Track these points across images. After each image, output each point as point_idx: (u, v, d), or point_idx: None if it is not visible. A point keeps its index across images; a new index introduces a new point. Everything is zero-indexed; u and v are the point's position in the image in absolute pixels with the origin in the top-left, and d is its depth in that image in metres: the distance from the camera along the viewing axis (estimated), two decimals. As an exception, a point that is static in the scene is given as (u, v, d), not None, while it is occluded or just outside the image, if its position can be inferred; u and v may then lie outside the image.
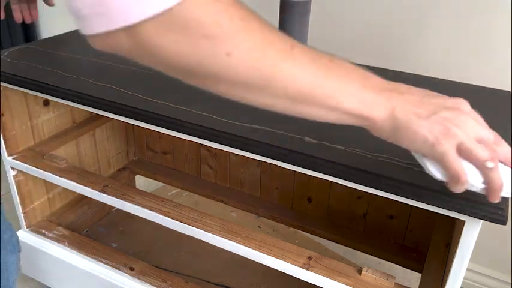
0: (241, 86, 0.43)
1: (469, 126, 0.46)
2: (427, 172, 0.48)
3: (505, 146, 0.47)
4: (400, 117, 0.46)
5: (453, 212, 0.56)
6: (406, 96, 0.47)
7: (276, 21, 0.83)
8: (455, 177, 0.46)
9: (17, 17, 0.97)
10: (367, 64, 0.96)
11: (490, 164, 0.45)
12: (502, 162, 0.47)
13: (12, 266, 0.77)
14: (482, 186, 0.46)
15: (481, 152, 0.45)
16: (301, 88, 0.43)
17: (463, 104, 0.49)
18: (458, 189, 0.47)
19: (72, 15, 0.41)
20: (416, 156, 0.49)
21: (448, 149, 0.45)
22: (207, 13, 0.38)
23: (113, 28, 0.39)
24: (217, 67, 0.41)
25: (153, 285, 0.95)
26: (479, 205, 0.54)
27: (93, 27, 0.39)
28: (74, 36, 1.08)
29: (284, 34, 0.43)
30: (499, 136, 0.48)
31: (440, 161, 0.46)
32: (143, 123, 0.75)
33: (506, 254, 1.18)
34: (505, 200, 0.54)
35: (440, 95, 0.49)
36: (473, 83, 0.89)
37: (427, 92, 0.49)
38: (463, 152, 0.45)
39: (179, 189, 1.44)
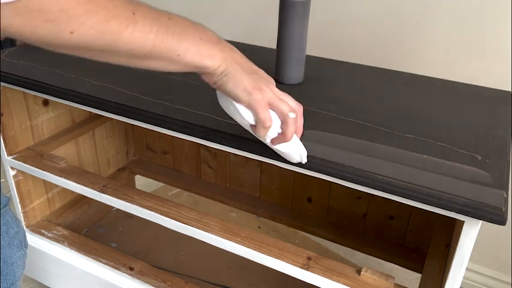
0: (86, 51, 0.50)
1: (277, 91, 0.58)
2: (236, 117, 0.58)
3: (301, 119, 0.60)
4: (229, 66, 0.55)
5: (452, 212, 0.56)
6: (235, 53, 0.57)
7: (276, 21, 0.83)
8: (263, 122, 0.56)
9: None
10: (367, 64, 0.96)
11: (291, 115, 0.57)
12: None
13: (18, 261, 0.78)
14: (279, 132, 0.58)
15: (285, 106, 0.57)
16: (143, 48, 0.50)
17: (273, 80, 0.60)
18: (263, 133, 0.58)
19: None
20: (225, 102, 0.58)
21: (261, 99, 0.55)
22: (52, 2, 0.43)
23: None
24: (61, 42, 0.46)
25: (153, 285, 0.95)
26: (479, 205, 0.54)
27: None
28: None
29: (123, 2, 0.49)
30: (300, 108, 0.59)
31: (253, 107, 0.56)
32: (143, 123, 0.75)
33: (506, 254, 1.18)
34: (504, 200, 0.54)
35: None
36: (473, 83, 0.89)
37: (246, 58, 0.59)
38: (271, 105, 0.56)
39: (179, 189, 1.44)
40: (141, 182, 1.45)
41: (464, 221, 0.58)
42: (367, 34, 1.14)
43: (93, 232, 1.27)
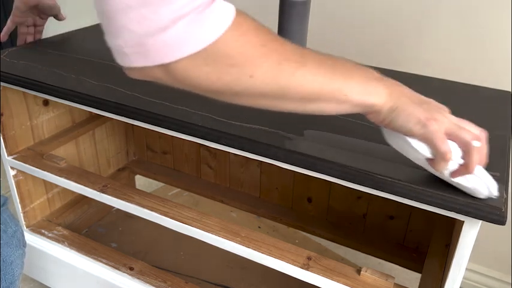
0: (262, 98, 0.51)
1: (453, 118, 0.55)
2: (410, 154, 0.56)
3: (485, 148, 0.54)
4: (397, 101, 0.53)
5: (452, 212, 0.56)
6: (401, 87, 0.56)
7: (275, 21, 0.83)
8: (443, 155, 0.52)
9: (21, 40, 1.01)
10: (367, 64, 0.96)
11: (476, 143, 0.52)
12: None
13: (17, 261, 0.78)
14: (459, 163, 0.53)
15: (467, 134, 0.52)
16: (312, 90, 0.51)
17: (447, 109, 0.57)
18: (443, 167, 0.53)
19: (112, 50, 0.48)
20: (395, 138, 0.56)
21: (438, 129, 0.52)
22: (234, 47, 0.45)
23: (151, 65, 0.45)
24: (243, 88, 0.48)
25: (153, 285, 0.95)
26: (478, 205, 0.54)
27: (132, 62, 0.46)
28: (74, 37, 1.08)
29: (294, 44, 0.51)
30: (484, 134, 0.54)
31: (430, 139, 0.52)
32: (143, 123, 0.75)
33: (506, 254, 1.18)
34: (503, 200, 0.54)
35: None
36: (473, 83, 0.89)
37: (412, 90, 0.57)
38: (450, 135, 0.52)
39: (179, 189, 1.44)
40: (141, 182, 1.45)
41: (464, 221, 0.58)
42: (367, 34, 1.14)
43: (93, 232, 1.27)
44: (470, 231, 0.59)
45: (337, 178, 0.62)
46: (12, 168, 1.02)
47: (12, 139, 1.01)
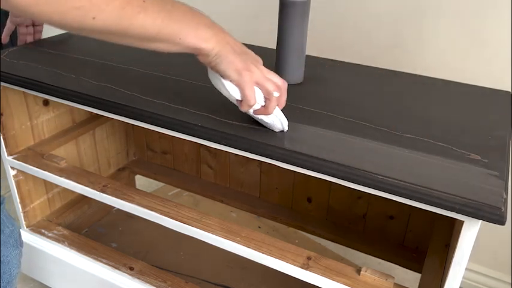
0: (104, 34, 0.57)
1: (264, 69, 0.66)
2: (223, 92, 0.66)
3: (285, 95, 0.67)
4: (222, 49, 0.62)
5: (452, 212, 0.56)
6: (226, 34, 0.64)
7: (276, 21, 0.83)
8: (248, 101, 0.63)
9: (22, 41, 1.02)
10: (367, 64, 0.96)
11: (276, 94, 0.65)
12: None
13: (14, 260, 0.78)
14: (262, 105, 0.65)
15: (271, 85, 0.64)
16: (151, 33, 0.58)
17: (260, 60, 0.67)
18: (246, 109, 0.65)
19: None
20: (215, 79, 0.66)
21: (249, 79, 0.63)
22: None
23: None
24: (85, 27, 0.54)
25: (153, 285, 0.95)
26: (478, 205, 0.54)
27: None
28: (74, 37, 1.08)
29: None
30: (285, 84, 0.67)
31: (241, 86, 0.63)
32: (142, 123, 0.75)
33: (506, 254, 1.18)
34: (503, 200, 0.54)
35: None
36: (473, 83, 0.89)
37: (236, 39, 0.65)
38: (258, 84, 0.64)
39: (179, 189, 1.44)
40: (141, 182, 1.45)
41: (463, 221, 0.58)
42: (367, 34, 1.14)
43: (93, 232, 1.27)
44: (470, 231, 0.58)
45: (337, 178, 0.62)
46: (12, 168, 1.02)
47: (12, 139, 1.01)
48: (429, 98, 0.82)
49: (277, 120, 0.67)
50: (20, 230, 1.09)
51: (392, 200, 0.60)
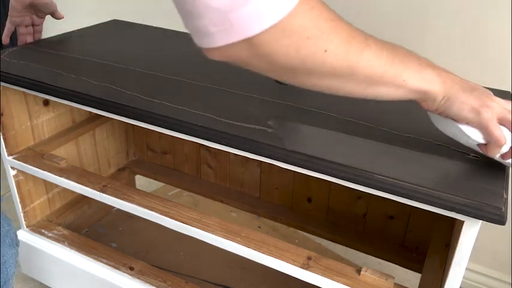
0: (332, 77, 0.52)
1: (501, 101, 0.57)
2: (461, 139, 0.59)
3: None
4: (450, 89, 0.56)
5: (452, 212, 0.56)
6: (452, 75, 0.58)
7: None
8: (497, 141, 0.55)
9: (22, 41, 1.02)
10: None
11: None
12: None
13: (10, 260, 0.78)
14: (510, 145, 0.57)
15: None
16: (377, 72, 0.53)
17: (492, 94, 0.59)
18: (496, 152, 0.57)
19: (194, 32, 0.48)
20: (447, 124, 0.59)
21: (492, 116, 0.55)
22: (308, 19, 0.47)
23: (235, 40, 0.46)
24: (317, 64, 0.50)
25: (153, 285, 0.95)
26: (478, 205, 0.54)
27: (216, 41, 0.47)
28: (74, 36, 1.08)
29: (354, 27, 0.52)
30: None
31: (485, 127, 0.55)
32: (142, 123, 0.75)
33: (506, 254, 1.18)
34: (504, 200, 0.54)
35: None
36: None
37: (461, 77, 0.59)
38: (501, 120, 0.56)
39: (179, 189, 1.44)
40: (141, 182, 1.45)
41: (464, 221, 0.58)
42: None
43: (94, 232, 1.27)
44: (471, 231, 0.59)
45: (337, 178, 0.62)
46: (12, 168, 1.02)
47: (12, 139, 1.01)
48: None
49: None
50: (20, 229, 1.10)
51: (393, 200, 0.60)
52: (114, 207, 1.24)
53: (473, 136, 0.57)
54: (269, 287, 1.10)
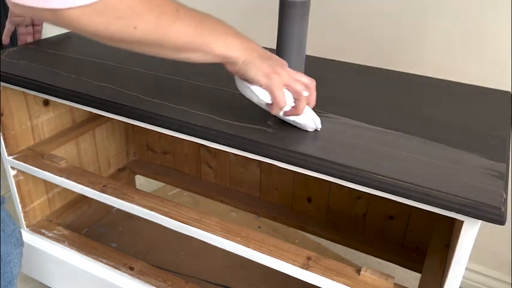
0: (143, 45, 0.59)
1: (291, 71, 0.67)
2: (253, 98, 0.67)
3: (314, 93, 0.68)
4: (249, 56, 0.64)
5: (451, 212, 0.56)
6: (252, 43, 0.66)
7: (275, 21, 0.83)
8: (279, 103, 0.64)
9: (22, 41, 1.02)
10: (367, 65, 0.96)
11: (305, 93, 0.66)
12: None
13: (15, 259, 0.79)
14: (292, 105, 0.66)
15: (299, 85, 0.65)
16: (185, 41, 0.60)
17: (286, 64, 0.68)
18: (277, 111, 0.66)
19: None
20: (243, 86, 0.67)
21: (279, 82, 0.64)
22: (121, 2, 0.52)
23: (41, 7, 0.50)
24: (127, 37, 0.56)
25: (153, 285, 0.95)
26: (478, 205, 0.54)
27: (25, 0, 0.50)
28: (74, 37, 1.08)
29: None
30: (313, 83, 0.68)
31: (271, 90, 0.64)
32: (142, 123, 0.75)
33: (506, 254, 1.18)
34: (503, 200, 0.54)
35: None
36: (473, 83, 0.89)
37: (261, 47, 0.67)
38: (287, 86, 0.65)
39: (179, 189, 1.44)
40: (142, 181, 1.45)
41: (463, 221, 0.58)
42: (366, 35, 1.14)
43: (94, 232, 1.27)
44: (470, 231, 0.58)
45: (336, 178, 0.62)
46: (12, 168, 1.02)
47: (12, 139, 1.01)
48: (429, 98, 0.82)
49: (309, 120, 0.68)
50: (20, 230, 1.10)
51: (392, 200, 0.60)
52: (114, 207, 1.24)
53: (262, 96, 0.65)
54: (269, 287, 1.10)
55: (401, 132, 0.69)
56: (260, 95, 0.65)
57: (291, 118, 0.68)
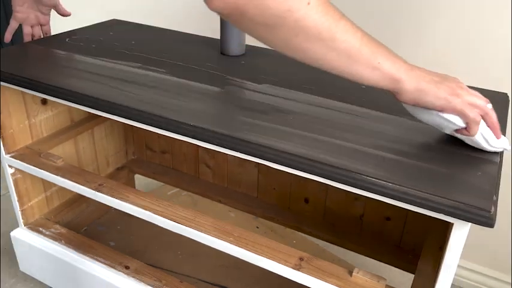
0: (315, 38, 0.56)
1: (470, 90, 0.62)
2: (440, 125, 0.63)
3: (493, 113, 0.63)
4: (421, 81, 0.60)
5: (441, 214, 0.56)
6: (422, 69, 0.62)
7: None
8: (474, 119, 0.60)
9: (27, 39, 1.02)
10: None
11: (489, 105, 0.62)
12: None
13: None
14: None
15: (481, 100, 0.62)
16: (354, 45, 0.57)
17: (459, 79, 0.64)
18: (476, 130, 0.61)
19: None
20: (427, 114, 0.63)
21: (463, 101, 0.60)
22: None
23: None
24: (300, 14, 0.54)
25: (148, 284, 0.95)
26: (467, 208, 0.54)
27: None
28: (73, 36, 1.09)
29: None
30: (489, 102, 0.63)
31: (460, 111, 0.60)
32: (140, 123, 0.75)
33: (506, 254, 1.18)
34: (492, 202, 0.54)
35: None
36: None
37: (430, 70, 0.64)
38: (470, 105, 0.60)
39: (178, 189, 1.44)
40: (141, 181, 1.45)
41: (453, 223, 0.58)
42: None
43: (92, 230, 1.27)
44: (460, 233, 0.58)
45: (327, 179, 0.62)
46: (10, 166, 1.03)
47: (10, 137, 1.02)
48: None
49: (481, 139, 0.63)
50: (18, 228, 1.11)
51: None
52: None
53: (454, 120, 0.61)
54: (265, 287, 1.10)
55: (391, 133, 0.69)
56: (452, 119, 0.61)
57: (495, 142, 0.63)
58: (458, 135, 0.64)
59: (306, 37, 0.56)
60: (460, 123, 0.62)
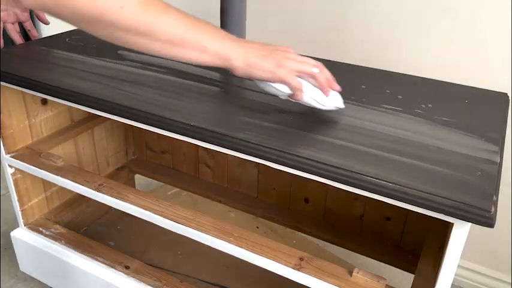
0: (133, 32, 0.61)
1: (296, 56, 0.68)
2: (277, 93, 0.70)
3: (324, 70, 0.69)
4: (251, 57, 0.65)
5: (441, 214, 0.56)
6: (251, 44, 0.67)
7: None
8: (297, 89, 0.67)
9: (15, 38, 1.01)
10: (367, 65, 0.96)
11: (315, 69, 0.67)
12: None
13: None
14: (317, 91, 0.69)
15: (307, 66, 0.67)
16: (176, 33, 0.61)
17: (290, 48, 0.69)
18: (301, 96, 0.68)
19: None
20: (263, 84, 0.70)
21: (286, 72, 0.65)
22: None
23: None
24: (114, 17, 0.58)
25: (148, 284, 0.95)
26: (467, 207, 0.54)
27: None
28: (72, 36, 1.09)
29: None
30: (319, 63, 0.69)
31: (284, 82, 0.66)
32: (140, 123, 0.75)
33: (506, 254, 1.18)
34: (492, 202, 0.54)
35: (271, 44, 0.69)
36: (472, 85, 0.88)
37: (262, 43, 0.68)
38: (296, 72, 0.66)
39: (179, 189, 1.44)
40: (142, 181, 1.45)
41: (453, 223, 0.58)
42: (365, 35, 1.13)
43: (92, 230, 1.27)
44: (460, 233, 0.58)
45: (327, 179, 0.62)
46: (10, 166, 1.03)
47: (10, 137, 1.02)
48: (425, 99, 0.81)
49: (312, 100, 0.70)
50: (18, 228, 1.11)
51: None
52: (113, 206, 1.24)
53: (283, 89, 0.68)
54: (265, 287, 1.10)
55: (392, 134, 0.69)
56: (281, 88, 0.68)
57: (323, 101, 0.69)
58: (293, 100, 0.70)
59: (125, 33, 0.61)
60: (287, 91, 0.68)
